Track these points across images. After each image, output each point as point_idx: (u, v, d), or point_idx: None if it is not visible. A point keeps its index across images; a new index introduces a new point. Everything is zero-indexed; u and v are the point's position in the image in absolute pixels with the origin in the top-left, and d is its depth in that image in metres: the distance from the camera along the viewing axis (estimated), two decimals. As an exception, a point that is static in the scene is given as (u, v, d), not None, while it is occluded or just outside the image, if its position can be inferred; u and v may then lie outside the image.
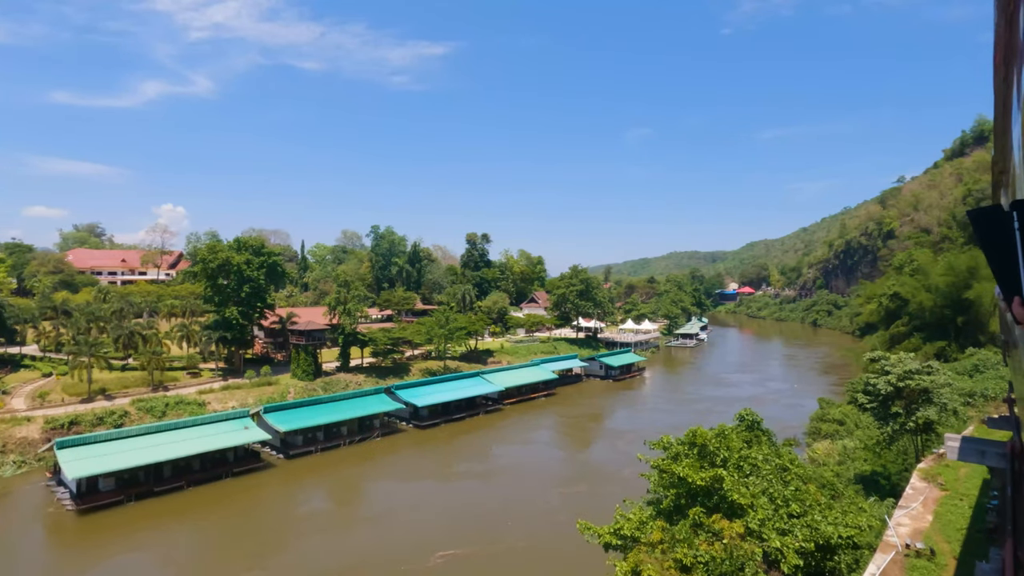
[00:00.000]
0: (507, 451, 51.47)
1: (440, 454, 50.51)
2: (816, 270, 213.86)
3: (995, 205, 2.00)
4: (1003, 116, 4.41)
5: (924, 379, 31.95)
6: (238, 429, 45.79)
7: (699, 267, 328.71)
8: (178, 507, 37.93)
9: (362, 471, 45.85)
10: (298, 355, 71.38)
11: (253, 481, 42.63)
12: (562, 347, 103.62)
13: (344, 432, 52.51)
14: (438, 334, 78.41)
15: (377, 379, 74.70)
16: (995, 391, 42.41)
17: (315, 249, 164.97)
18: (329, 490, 42.41)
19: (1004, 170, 5.37)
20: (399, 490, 41.89)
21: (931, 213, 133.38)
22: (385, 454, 50.09)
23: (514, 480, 42.69)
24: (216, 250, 71.96)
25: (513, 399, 69.66)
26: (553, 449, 52.09)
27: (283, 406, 50.99)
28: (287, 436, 48.46)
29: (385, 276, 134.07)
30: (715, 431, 19.67)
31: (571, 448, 52.52)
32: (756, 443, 26.94)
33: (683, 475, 18.13)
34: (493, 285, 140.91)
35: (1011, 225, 1.75)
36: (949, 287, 74.76)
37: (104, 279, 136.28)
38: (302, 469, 45.66)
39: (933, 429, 33.10)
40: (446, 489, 41.35)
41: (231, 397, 62.83)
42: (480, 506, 37.41)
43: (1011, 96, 3.56)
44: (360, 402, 55.43)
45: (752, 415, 27.63)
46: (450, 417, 60.40)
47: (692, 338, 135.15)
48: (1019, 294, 1.75)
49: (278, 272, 76.05)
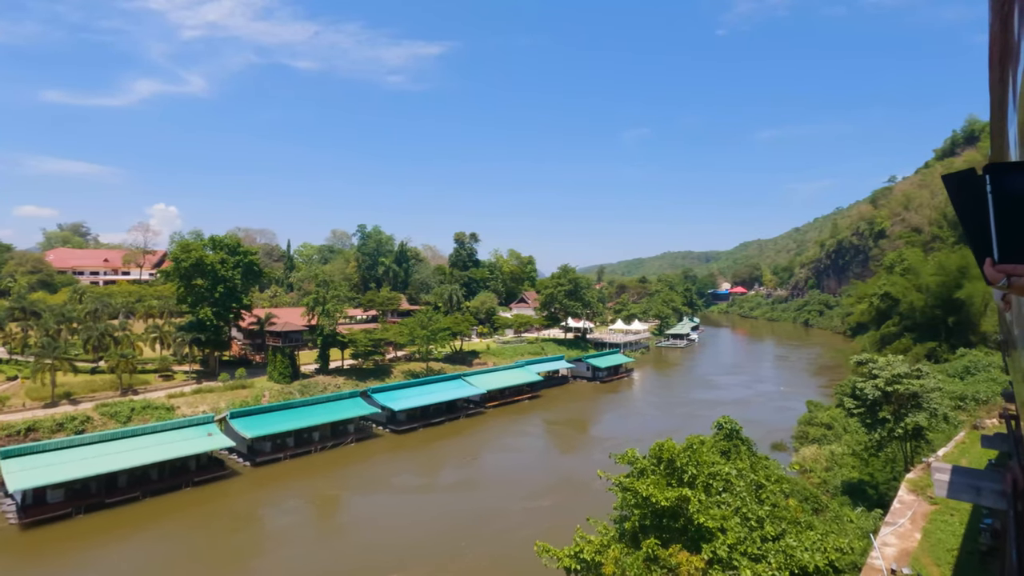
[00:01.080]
0: (479, 459, 49.39)
1: (410, 462, 48.45)
2: (808, 270, 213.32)
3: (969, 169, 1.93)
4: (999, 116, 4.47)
5: (913, 383, 30.39)
6: (201, 436, 43.69)
7: (693, 267, 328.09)
8: (131, 519, 35.83)
9: (328, 480, 43.74)
10: (274, 357, 69.23)
11: (214, 491, 40.56)
12: (550, 348, 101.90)
13: (316, 438, 50.51)
14: (420, 335, 76.47)
15: (357, 381, 72.64)
16: (987, 394, 41.00)
17: (302, 248, 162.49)
18: (289, 502, 40.10)
19: None
20: (360, 502, 39.84)
21: (922, 212, 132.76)
22: (356, 461, 48.10)
23: (481, 492, 40.50)
24: (189, 249, 69.71)
25: (496, 402, 67.83)
26: (527, 456, 49.98)
27: (251, 411, 48.92)
28: (254, 442, 46.42)
29: (372, 276, 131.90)
30: (683, 445, 17.91)
31: (546, 456, 50.46)
32: (735, 453, 25.23)
33: (646, 494, 16.35)
34: (482, 285, 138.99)
35: (983, 188, 1.81)
36: (940, 287, 73.63)
37: (86, 279, 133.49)
38: (268, 478, 43.61)
39: (923, 436, 31.56)
40: (408, 501, 39.05)
41: (202, 401, 60.65)
42: (441, 520, 35.25)
43: (1006, 96, 3.56)
44: (334, 406, 53.41)
45: (731, 423, 25.89)
46: (429, 421, 58.48)
47: (683, 339, 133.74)
48: (990, 256, 1.82)
49: (254, 271, 73.91)
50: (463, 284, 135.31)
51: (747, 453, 25.56)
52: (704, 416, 57.18)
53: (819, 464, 42.01)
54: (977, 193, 1.87)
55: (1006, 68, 3.38)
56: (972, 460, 28.97)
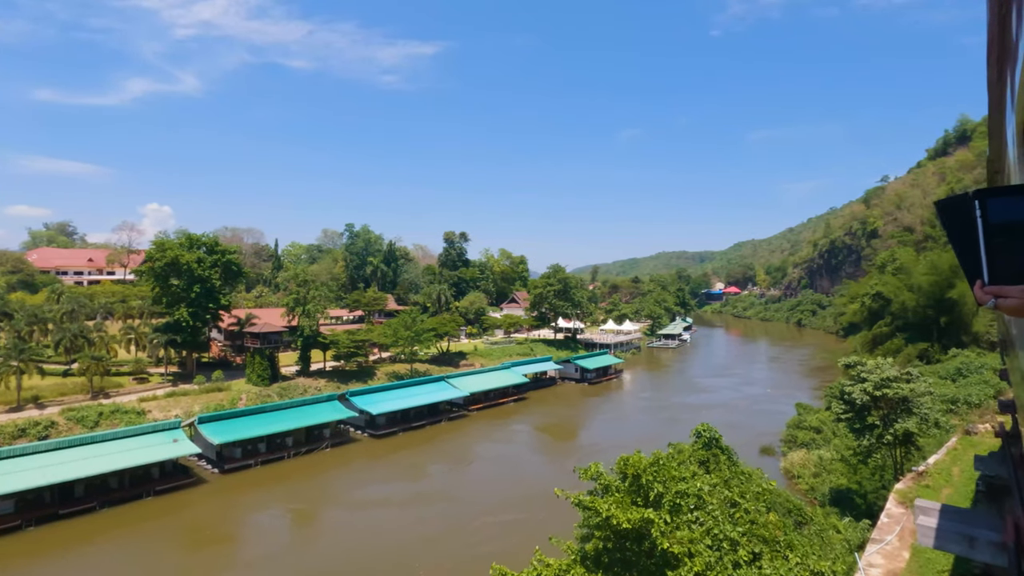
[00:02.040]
0: (451, 467, 47.33)
1: (382, 470, 46.46)
2: (801, 270, 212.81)
3: (962, 194, 1.97)
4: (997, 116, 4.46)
5: (903, 387, 29.00)
6: (166, 442, 41.87)
7: (687, 267, 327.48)
8: (84, 532, 34.00)
9: (294, 490, 41.69)
10: (253, 359, 67.40)
11: (176, 501, 38.72)
12: (539, 349, 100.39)
13: (289, 443, 48.73)
14: (403, 336, 74.75)
15: (339, 383, 70.89)
16: (979, 397, 39.75)
17: (290, 248, 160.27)
18: (249, 515, 37.82)
19: (999, 170, 5.32)
20: (320, 515, 37.77)
21: (914, 212, 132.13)
22: (329, 468, 46.29)
23: (446, 504, 38.08)
24: (165, 248, 67.72)
25: (480, 405, 66.20)
26: (501, 464, 47.56)
27: (221, 416, 47.10)
28: (223, 449, 44.59)
29: (360, 276, 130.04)
30: (649, 460, 16.37)
31: (520, 464, 47.90)
32: (714, 463, 23.75)
33: (606, 515, 14.80)
34: (471, 285, 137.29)
35: (973, 212, 1.88)
36: (932, 286, 72.58)
37: (70, 279, 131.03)
38: (234, 486, 41.81)
39: (913, 442, 30.19)
40: (369, 516, 36.66)
41: (175, 405, 58.78)
42: (400, 535, 32.71)
43: (1004, 96, 3.56)
44: (309, 410, 51.65)
45: (710, 431, 24.41)
46: (409, 425, 56.80)
47: (675, 339, 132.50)
48: (980, 278, 1.89)
49: (233, 271, 71.89)
50: (452, 284, 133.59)
51: (727, 463, 24.08)
52: (688, 421, 55.45)
53: (807, 470, 40.69)
54: (967, 217, 1.89)
55: (1004, 68, 3.40)
56: (964, 468, 27.61)
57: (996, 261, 1.88)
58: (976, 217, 1.89)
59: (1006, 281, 1.86)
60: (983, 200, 1.88)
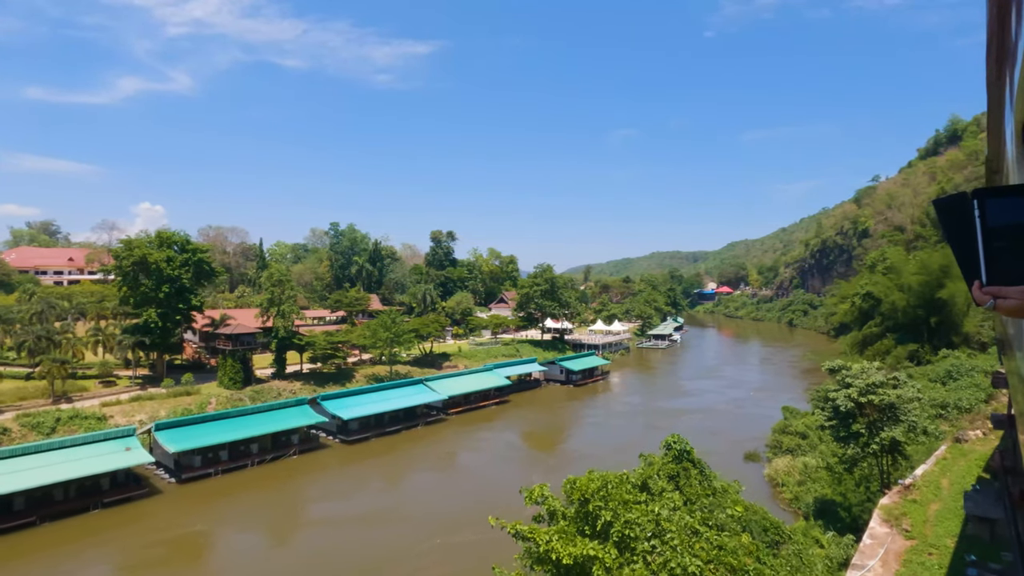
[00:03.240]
0: (414, 478, 44.85)
1: (346, 480, 44.10)
2: (792, 269, 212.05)
3: (960, 194, 1.95)
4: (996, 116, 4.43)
5: (889, 393, 27.25)
6: (118, 450, 39.59)
7: (681, 267, 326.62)
8: (17, 550, 31.71)
9: (251, 501, 39.38)
10: (225, 361, 65.08)
11: (125, 514, 36.47)
12: (526, 350, 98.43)
13: (254, 450, 46.55)
14: (382, 337, 72.56)
15: (315, 386, 68.69)
16: (970, 401, 38.13)
17: (275, 247, 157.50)
18: (192, 531, 35.13)
19: (997, 170, 5.28)
20: (264, 533, 35.50)
21: (904, 211, 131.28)
22: (291, 477, 44.01)
23: (399, 523, 35.20)
24: (133, 246, 65.23)
25: (460, 408, 64.17)
26: (465, 476, 44.94)
27: (180, 422, 44.84)
28: (181, 457, 42.35)
29: (345, 276, 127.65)
30: (598, 483, 14.43)
31: (484, 475, 44.97)
32: (684, 478, 21.88)
33: (545, 548, 12.88)
34: (459, 285, 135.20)
35: (971, 212, 1.87)
36: (922, 286, 71.23)
37: (49, 279, 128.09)
38: (190, 497, 39.59)
39: (900, 450, 28.46)
40: (317, 535, 33.97)
41: (140, 409, 56.37)
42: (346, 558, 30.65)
43: (1003, 96, 3.58)
44: (277, 415, 49.48)
45: (681, 443, 22.53)
46: (383, 430, 54.71)
47: (665, 339, 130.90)
48: (978, 278, 1.89)
49: (205, 270, 69.44)
50: (440, 284, 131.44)
51: (698, 478, 22.21)
52: (668, 428, 53.59)
53: (792, 477, 38.96)
54: (965, 217, 1.89)
55: (1003, 68, 3.41)
56: (954, 480, 25.89)
57: (995, 262, 1.85)
58: (975, 217, 1.86)
59: (1005, 282, 1.83)
60: (982, 200, 1.85)
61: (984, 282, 1.87)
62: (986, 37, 3.64)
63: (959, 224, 1.91)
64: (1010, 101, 3.17)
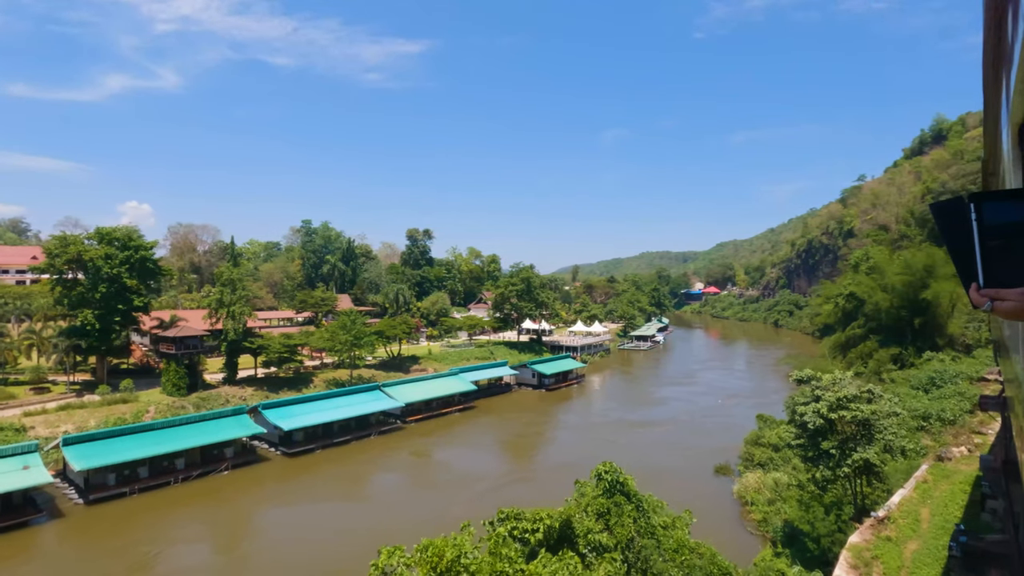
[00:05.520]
0: (331, 503, 39.34)
1: (264, 504, 39.63)
2: (779, 270, 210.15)
3: (957, 197, 2.01)
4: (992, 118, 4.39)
5: (863, 408, 23.86)
6: (15, 469, 35.36)
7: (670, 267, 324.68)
8: None
9: (158, 526, 34.88)
10: (169, 366, 60.83)
11: (14, 542, 32.27)
12: (501, 352, 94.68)
13: (180, 466, 42.43)
14: (342, 339, 68.51)
15: (268, 392, 64.65)
16: (953, 412, 34.96)
17: (248, 245, 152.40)
18: (81, 566, 30.91)
19: (993, 172, 5.27)
20: (156, 568, 30.95)
21: (889, 210, 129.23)
22: (211, 498, 39.56)
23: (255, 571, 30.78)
24: (68, 242, 60.71)
25: (420, 416, 60.31)
26: (375, 504, 39.32)
27: (93, 436, 40.62)
28: (92, 475, 38.17)
29: (318, 275, 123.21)
30: (452, 553, 10.74)
31: (397, 501, 39.38)
32: (616, 515, 18.27)
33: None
34: (436, 285, 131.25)
35: (969, 215, 1.91)
36: (906, 286, 68.44)
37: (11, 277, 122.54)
38: (95, 521, 35.42)
39: (875, 472, 25.11)
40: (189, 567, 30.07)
41: (68, 419, 52.01)
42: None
43: (1000, 97, 3.56)
44: (210, 426, 45.36)
45: (613, 472, 18.92)
46: (331, 441, 50.73)
47: (647, 340, 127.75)
48: (976, 281, 1.92)
49: (149, 269, 64.96)
50: (416, 284, 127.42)
51: (633, 514, 18.61)
52: (628, 444, 49.84)
53: (762, 495, 35.60)
54: (963, 220, 1.92)
55: (1000, 70, 3.44)
56: (935, 510, 22.52)
57: (992, 264, 1.88)
58: (972, 220, 1.89)
59: (1002, 284, 1.86)
60: (979, 203, 1.88)
61: (981, 284, 1.87)
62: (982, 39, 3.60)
63: (956, 227, 1.91)
64: (1006, 103, 3.19)
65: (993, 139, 4.88)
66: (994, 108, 4.02)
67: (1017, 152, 2.90)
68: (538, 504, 26.24)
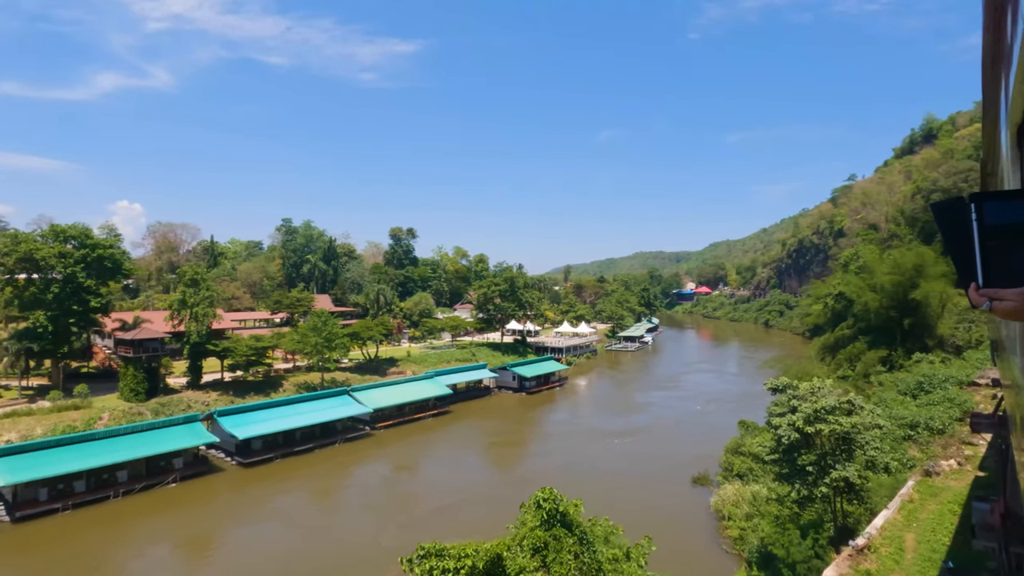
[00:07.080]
0: (265, 522, 36.01)
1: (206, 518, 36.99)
2: (770, 269, 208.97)
3: (957, 197, 2.03)
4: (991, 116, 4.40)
5: (842, 421, 21.57)
6: (-69, 485, 32.55)
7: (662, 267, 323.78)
8: None
9: (86, 545, 32.46)
10: (127, 370, 57.96)
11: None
12: (483, 353, 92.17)
13: (123, 478, 39.68)
14: (312, 341, 65.80)
15: (233, 397, 61.83)
16: (943, 420, 32.81)
17: (229, 244, 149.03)
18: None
19: (992, 172, 5.30)
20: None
21: (879, 209, 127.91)
22: (154, 513, 36.82)
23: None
24: (19, 240, 57.72)
25: (391, 421, 57.73)
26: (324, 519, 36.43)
27: (23, 447, 37.75)
28: (21, 490, 35.38)
29: (299, 275, 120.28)
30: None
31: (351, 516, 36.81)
32: (554, 550, 15.83)
33: None
34: (421, 285, 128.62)
35: (969, 215, 1.92)
36: (895, 286, 66.48)
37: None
38: (24, 542, 32.66)
39: (856, 491, 22.83)
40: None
41: (12, 427, 49.16)
42: None
43: (999, 97, 3.54)
44: (160, 435, 42.58)
45: (553, 501, 16.44)
46: (291, 449, 48.09)
47: (635, 341, 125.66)
48: (975, 280, 1.93)
49: (108, 268, 62.00)
50: (399, 284, 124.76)
51: (575, 548, 16.16)
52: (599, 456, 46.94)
53: (740, 509, 33.32)
54: (962, 220, 1.93)
55: (998, 70, 3.37)
56: (921, 536, 20.22)
57: (991, 264, 1.89)
58: (971, 220, 1.90)
59: (1001, 284, 1.86)
60: (979, 203, 1.90)
61: (980, 284, 1.88)
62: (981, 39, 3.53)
63: (956, 227, 1.92)
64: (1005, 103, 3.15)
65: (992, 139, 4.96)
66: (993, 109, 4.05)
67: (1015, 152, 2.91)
68: (492, 528, 23.70)
